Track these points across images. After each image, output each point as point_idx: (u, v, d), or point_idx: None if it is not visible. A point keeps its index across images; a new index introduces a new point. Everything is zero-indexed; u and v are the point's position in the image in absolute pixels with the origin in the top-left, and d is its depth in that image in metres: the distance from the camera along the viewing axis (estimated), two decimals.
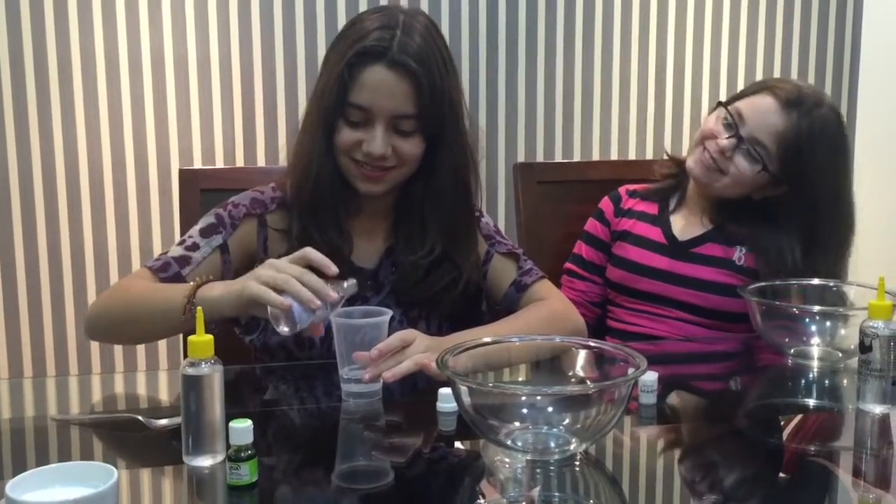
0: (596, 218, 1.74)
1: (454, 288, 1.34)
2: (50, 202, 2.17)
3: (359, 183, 1.29)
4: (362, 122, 1.25)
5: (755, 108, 1.53)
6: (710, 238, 1.62)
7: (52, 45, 2.12)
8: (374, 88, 1.23)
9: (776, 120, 1.51)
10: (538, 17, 2.38)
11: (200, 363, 0.91)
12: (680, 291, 1.59)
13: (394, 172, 1.29)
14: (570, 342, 1.09)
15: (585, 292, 1.72)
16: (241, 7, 2.20)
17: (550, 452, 0.95)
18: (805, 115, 1.50)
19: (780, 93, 1.52)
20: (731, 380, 1.40)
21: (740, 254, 1.59)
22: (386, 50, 1.22)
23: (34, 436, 1.10)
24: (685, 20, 2.47)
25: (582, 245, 1.74)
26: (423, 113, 1.24)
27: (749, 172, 1.53)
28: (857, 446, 1.07)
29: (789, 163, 1.51)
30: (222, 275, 1.30)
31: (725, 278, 1.57)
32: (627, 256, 1.66)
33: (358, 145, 1.25)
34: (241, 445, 0.86)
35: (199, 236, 1.30)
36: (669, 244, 1.63)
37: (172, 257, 1.28)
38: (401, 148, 1.26)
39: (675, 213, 1.67)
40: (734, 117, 1.55)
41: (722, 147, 1.53)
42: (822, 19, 2.55)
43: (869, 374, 1.08)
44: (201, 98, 2.21)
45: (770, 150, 1.52)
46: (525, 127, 2.41)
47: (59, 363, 2.22)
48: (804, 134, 1.50)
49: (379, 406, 1.13)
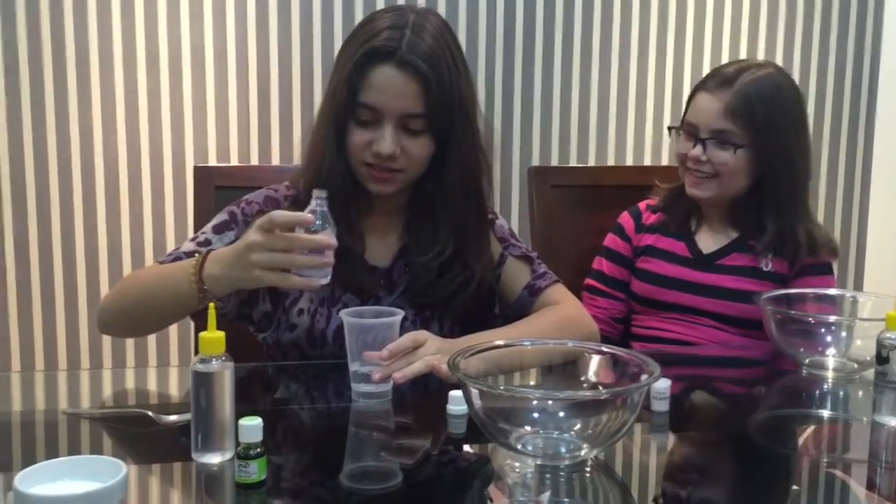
0: (616, 233, 1.73)
1: (466, 288, 1.33)
2: (65, 197, 2.18)
3: (370, 184, 1.29)
4: (371, 121, 1.25)
5: (697, 108, 1.59)
6: (735, 248, 1.62)
7: (70, 41, 2.14)
8: (382, 88, 1.23)
9: (716, 104, 1.55)
10: (555, 21, 2.37)
11: (211, 360, 0.91)
12: (707, 302, 1.59)
13: (403, 174, 1.29)
14: (582, 347, 1.08)
15: (608, 309, 1.71)
16: (258, 4, 2.21)
17: (561, 458, 0.94)
18: (737, 84, 1.54)
19: (708, 83, 1.58)
20: (745, 388, 1.39)
21: (766, 260, 1.59)
22: (395, 50, 1.22)
23: (44, 429, 1.11)
24: (703, 26, 2.46)
25: (603, 261, 1.73)
26: (432, 112, 1.24)
27: (730, 159, 1.55)
28: (871, 459, 1.05)
29: (752, 127, 1.53)
30: None
31: (753, 286, 1.56)
32: (653, 270, 1.66)
33: (368, 146, 1.25)
34: (250, 443, 0.86)
35: (211, 232, 1.31)
36: (695, 258, 1.64)
37: (184, 252, 1.28)
38: (409, 148, 1.26)
39: (697, 227, 1.67)
40: (688, 128, 1.60)
41: (695, 156, 1.57)
42: (842, 26, 2.53)
43: (885, 386, 1.07)
44: (217, 95, 2.22)
45: (730, 129, 1.54)
46: (540, 131, 2.41)
47: (70, 357, 2.23)
48: (744, 98, 1.53)
49: (389, 407, 1.13)
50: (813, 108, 2.54)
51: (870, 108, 2.58)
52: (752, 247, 1.60)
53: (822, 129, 2.57)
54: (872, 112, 2.58)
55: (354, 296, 1.33)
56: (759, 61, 1.64)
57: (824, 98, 2.56)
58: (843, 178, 2.61)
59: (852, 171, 2.60)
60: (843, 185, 2.61)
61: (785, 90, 1.57)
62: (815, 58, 2.53)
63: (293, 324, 1.32)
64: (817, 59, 2.53)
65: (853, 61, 2.56)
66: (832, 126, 2.58)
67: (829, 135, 2.58)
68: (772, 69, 1.59)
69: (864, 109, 2.58)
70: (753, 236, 1.60)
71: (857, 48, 2.55)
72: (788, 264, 1.59)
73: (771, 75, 1.57)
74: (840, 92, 2.56)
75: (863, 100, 2.58)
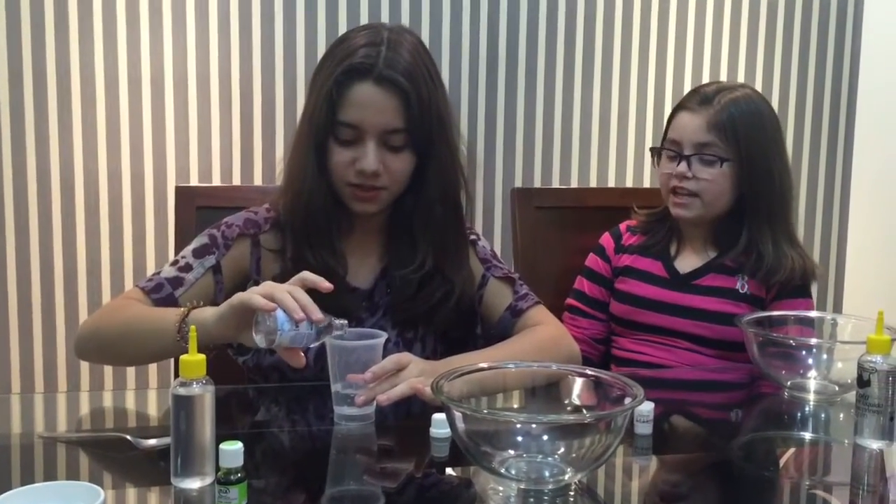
0: (597, 254, 1.74)
1: (447, 302, 1.33)
2: (44, 215, 2.16)
3: (353, 203, 1.29)
4: (353, 139, 1.25)
5: (679, 126, 1.61)
6: (712, 269, 1.63)
7: (51, 60, 2.12)
8: (362, 105, 1.23)
9: (698, 120, 1.58)
10: (538, 43, 2.39)
11: (192, 383, 0.90)
12: (684, 323, 1.60)
13: (386, 192, 1.29)
14: (566, 370, 1.08)
15: (588, 329, 1.72)
16: (241, 25, 2.21)
17: (544, 482, 0.93)
18: (717, 101, 1.57)
19: (689, 102, 1.61)
20: (728, 411, 1.39)
21: (742, 282, 1.60)
22: (372, 66, 1.23)
23: (20, 453, 1.08)
24: (684, 48, 2.48)
25: (583, 281, 1.74)
26: (412, 127, 1.25)
27: (716, 176, 1.57)
28: (853, 481, 1.06)
29: (735, 141, 1.56)
30: (214, 296, 1.29)
31: (729, 307, 1.58)
32: (630, 291, 1.66)
33: (351, 164, 1.25)
34: (230, 468, 0.85)
35: (192, 257, 1.30)
36: (671, 277, 1.64)
37: (165, 278, 1.27)
38: (391, 164, 1.26)
39: (675, 247, 1.68)
40: (670, 147, 1.62)
41: (681, 172, 1.58)
42: (820, 49, 2.57)
43: (867, 409, 1.07)
44: (200, 115, 2.21)
45: (714, 143, 1.56)
46: (523, 152, 2.42)
47: (47, 380, 2.20)
48: (727, 113, 1.56)
49: (371, 430, 1.12)
50: (792, 130, 2.58)
51: (848, 132, 2.61)
52: (729, 267, 1.61)
53: (802, 152, 2.60)
54: (851, 135, 2.61)
55: (335, 317, 1.32)
56: (736, 83, 1.67)
57: (803, 121, 2.59)
58: (822, 200, 2.63)
59: (831, 194, 2.63)
60: (822, 207, 2.64)
61: (764, 110, 1.61)
62: (794, 80, 2.56)
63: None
64: (796, 81, 2.56)
65: (831, 84, 2.59)
66: (811, 148, 2.61)
67: (808, 158, 2.61)
68: (749, 90, 1.63)
69: (842, 133, 2.61)
70: (732, 256, 1.61)
71: (835, 70, 2.59)
72: (765, 287, 1.60)
73: (749, 95, 1.61)
74: (819, 115, 2.60)
75: (841, 123, 2.61)
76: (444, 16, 2.32)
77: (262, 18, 2.22)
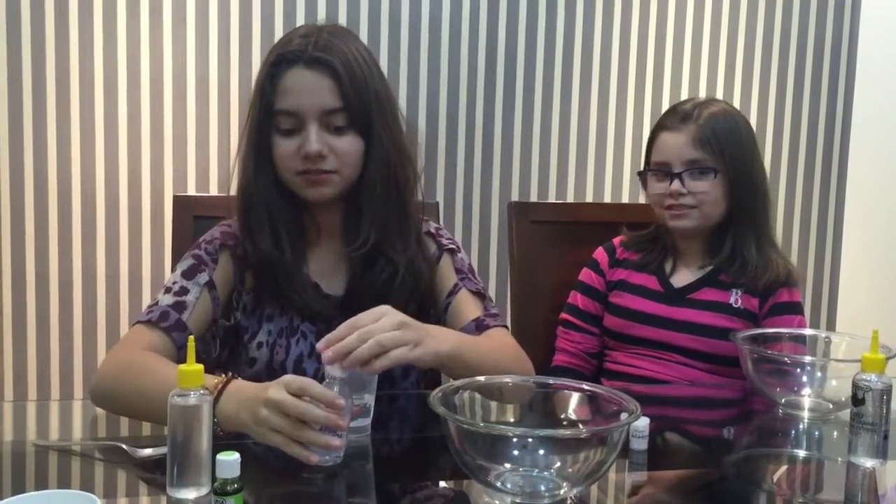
0: (591, 268, 1.75)
1: (392, 284, 1.31)
2: (40, 224, 2.16)
3: (306, 191, 1.28)
4: (295, 128, 1.25)
5: (663, 146, 1.63)
6: (706, 283, 1.64)
7: (51, 67, 2.13)
8: (296, 90, 1.24)
9: (682, 137, 1.60)
10: (536, 59, 2.40)
11: (189, 393, 0.90)
12: (678, 336, 1.61)
13: (337, 175, 1.27)
14: (563, 384, 1.08)
15: (582, 343, 1.72)
16: (241, 34, 2.22)
17: (540, 496, 0.93)
18: (698, 116, 1.60)
19: (668, 122, 1.63)
20: (722, 428, 1.40)
21: (736, 296, 1.61)
22: (302, 52, 1.24)
23: (12, 462, 1.08)
24: (681, 63, 2.50)
25: (577, 295, 1.74)
26: (350, 106, 1.24)
27: (710, 187, 1.59)
28: (847, 500, 1.06)
29: (720, 153, 1.58)
30: (213, 311, 1.29)
31: (723, 322, 1.59)
32: (625, 304, 1.67)
33: (296, 153, 1.25)
34: (227, 479, 0.84)
35: (184, 280, 1.28)
36: (666, 291, 1.65)
37: (167, 305, 1.25)
38: (337, 146, 1.26)
39: (672, 264, 1.69)
40: (658, 168, 1.63)
41: (675, 191, 1.60)
42: (815, 62, 2.59)
43: (861, 428, 1.08)
44: (198, 125, 2.22)
45: (703, 157, 1.59)
46: (520, 166, 2.42)
47: (41, 387, 2.19)
48: (708, 126, 1.59)
49: (367, 442, 1.12)
50: (787, 143, 2.59)
51: (843, 144, 2.63)
52: (723, 282, 1.63)
53: (797, 165, 2.62)
54: (846, 148, 2.63)
55: (311, 324, 1.32)
56: (710, 98, 1.71)
57: (798, 133, 2.60)
58: (817, 214, 2.65)
59: (826, 208, 2.65)
60: (817, 222, 2.65)
61: (741, 122, 1.65)
62: (790, 92, 2.58)
63: (252, 358, 1.31)
64: (792, 92, 2.58)
65: (827, 97, 2.61)
66: (806, 162, 2.62)
67: (802, 171, 2.63)
68: (724, 104, 1.66)
69: (837, 147, 2.63)
70: (725, 270, 1.62)
71: (830, 81, 2.61)
72: (759, 301, 1.61)
73: (726, 109, 1.65)
74: (813, 127, 2.61)
75: (836, 137, 2.63)
76: (443, 31, 2.33)
77: (262, 28, 2.22)
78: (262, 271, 1.30)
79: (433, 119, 2.35)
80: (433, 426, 1.05)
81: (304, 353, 1.32)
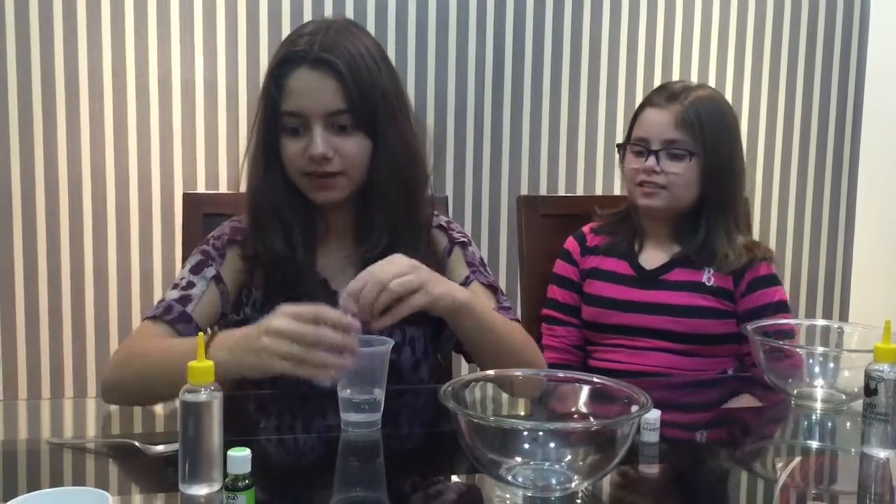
0: (563, 259, 1.74)
1: None
2: (51, 222, 2.17)
3: (313, 193, 1.28)
4: (300, 129, 1.25)
5: (645, 122, 1.63)
6: (677, 263, 1.64)
7: (60, 67, 2.14)
8: (301, 91, 1.24)
9: (667, 116, 1.60)
10: (544, 52, 2.39)
11: (200, 389, 0.90)
12: (654, 319, 1.60)
13: (344, 178, 1.27)
14: (573, 377, 1.08)
15: (566, 336, 1.72)
16: (249, 33, 2.22)
17: (551, 489, 0.93)
18: (684, 98, 1.60)
19: (655, 99, 1.63)
20: (734, 419, 1.39)
21: (709, 274, 1.61)
22: (307, 53, 1.23)
23: (27, 459, 1.09)
24: (690, 59, 2.49)
25: (555, 289, 1.74)
26: (355, 107, 1.24)
27: (684, 169, 1.59)
28: (860, 491, 1.05)
29: (701, 136, 1.58)
30: (221, 306, 1.30)
31: (697, 300, 1.59)
32: (598, 293, 1.67)
33: (303, 154, 1.25)
34: (238, 475, 0.85)
35: (191, 275, 1.29)
36: (637, 275, 1.65)
37: (173, 300, 1.26)
38: (342, 147, 1.25)
39: (639, 244, 1.69)
40: (637, 143, 1.63)
41: (648, 167, 1.60)
42: (826, 54, 2.57)
43: (874, 418, 1.07)
44: (207, 123, 2.22)
45: (681, 139, 1.58)
46: (529, 160, 2.42)
47: (54, 385, 2.20)
48: (693, 109, 1.58)
49: (378, 436, 1.12)
50: (798, 135, 2.58)
51: (854, 136, 2.61)
52: (693, 261, 1.63)
53: (808, 157, 2.60)
54: (857, 140, 2.61)
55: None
56: (700, 83, 1.70)
57: (809, 126, 2.59)
58: (829, 205, 2.63)
59: (837, 199, 2.63)
60: (829, 212, 2.63)
61: (726, 109, 1.65)
62: (801, 84, 2.57)
63: None
64: (802, 85, 2.57)
65: (837, 88, 2.60)
66: (817, 154, 2.61)
67: (814, 164, 2.61)
68: (712, 90, 1.67)
69: (848, 138, 2.61)
70: (694, 250, 1.62)
71: (841, 74, 2.59)
72: (732, 279, 1.61)
73: (713, 94, 1.65)
74: (825, 120, 2.60)
75: (847, 127, 2.61)
76: (451, 25, 2.32)
77: (269, 26, 2.23)
78: (272, 270, 1.31)
79: (441, 113, 2.35)
80: (443, 420, 1.05)
81: None
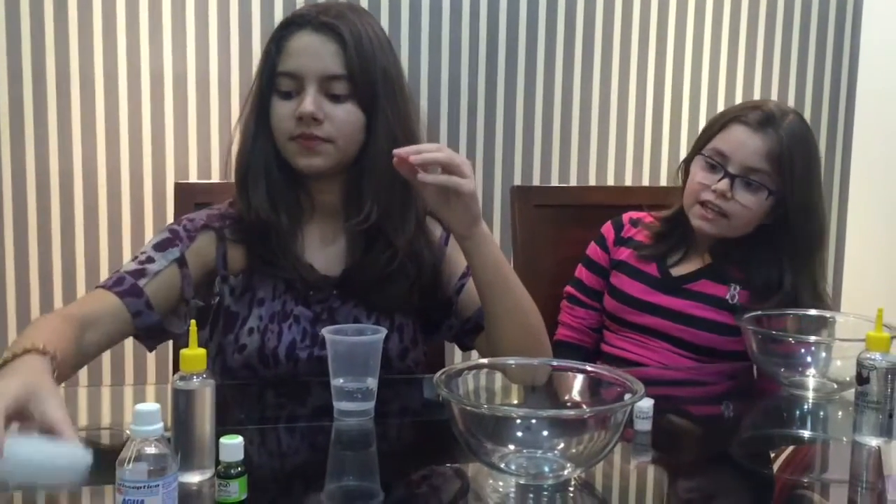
0: (597, 243, 1.72)
1: (390, 266, 1.29)
2: (43, 213, 2.16)
3: (298, 159, 1.26)
4: (294, 91, 1.24)
5: (732, 140, 1.51)
6: (705, 275, 1.60)
7: (51, 56, 2.12)
8: (300, 52, 1.23)
9: (758, 143, 1.49)
10: (538, 41, 2.39)
11: (192, 377, 0.89)
12: (671, 326, 1.58)
13: (332, 146, 1.25)
14: (566, 365, 1.08)
15: (585, 318, 1.71)
16: (241, 23, 2.21)
17: (544, 477, 0.93)
18: (779, 126, 1.49)
19: (747, 117, 1.51)
20: (726, 409, 1.39)
21: (734, 292, 1.57)
22: (312, 17, 1.24)
23: None
24: (683, 47, 2.48)
25: (583, 269, 1.73)
26: (353, 75, 1.23)
27: (756, 204, 1.50)
28: (852, 479, 1.06)
29: (786, 176, 1.49)
30: (181, 289, 1.27)
31: (716, 316, 1.56)
32: (622, 288, 1.65)
33: (292, 116, 1.23)
34: (230, 462, 0.85)
35: (153, 250, 1.27)
36: (663, 278, 1.62)
37: (127, 272, 1.24)
38: (334, 113, 1.23)
39: (673, 247, 1.64)
40: (716, 158, 1.52)
41: (721, 191, 1.49)
42: (818, 51, 2.57)
43: (866, 406, 1.07)
44: (199, 112, 2.21)
45: (767, 172, 1.49)
46: (522, 150, 2.42)
47: None
48: (787, 144, 1.48)
49: (371, 425, 1.12)
50: None
51: (846, 131, 2.62)
52: (721, 275, 1.58)
53: None
54: (849, 134, 2.62)
55: (305, 307, 1.30)
56: (790, 107, 1.57)
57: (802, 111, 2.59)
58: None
59: (830, 192, 2.63)
60: None
61: (813, 143, 1.54)
62: (793, 79, 2.57)
63: (243, 344, 1.28)
64: (795, 80, 2.57)
65: (830, 83, 2.60)
66: None
67: None
68: (800, 117, 1.55)
69: (840, 132, 2.62)
70: (728, 266, 1.57)
71: (833, 69, 2.60)
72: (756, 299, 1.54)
73: (804, 129, 1.53)
74: (817, 114, 2.60)
75: (839, 122, 2.62)
76: (444, 12, 2.32)
77: (262, 15, 2.21)
78: (256, 240, 1.28)
79: (434, 103, 2.34)
80: (436, 409, 1.05)
81: (296, 339, 1.29)
